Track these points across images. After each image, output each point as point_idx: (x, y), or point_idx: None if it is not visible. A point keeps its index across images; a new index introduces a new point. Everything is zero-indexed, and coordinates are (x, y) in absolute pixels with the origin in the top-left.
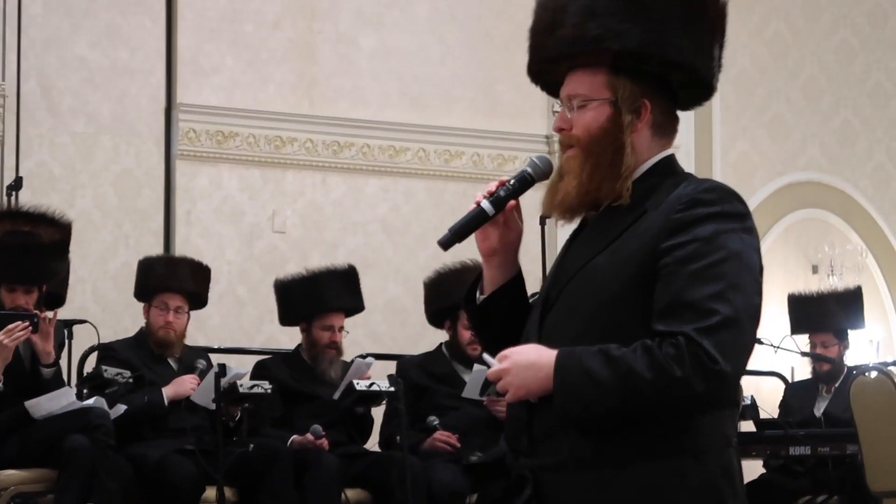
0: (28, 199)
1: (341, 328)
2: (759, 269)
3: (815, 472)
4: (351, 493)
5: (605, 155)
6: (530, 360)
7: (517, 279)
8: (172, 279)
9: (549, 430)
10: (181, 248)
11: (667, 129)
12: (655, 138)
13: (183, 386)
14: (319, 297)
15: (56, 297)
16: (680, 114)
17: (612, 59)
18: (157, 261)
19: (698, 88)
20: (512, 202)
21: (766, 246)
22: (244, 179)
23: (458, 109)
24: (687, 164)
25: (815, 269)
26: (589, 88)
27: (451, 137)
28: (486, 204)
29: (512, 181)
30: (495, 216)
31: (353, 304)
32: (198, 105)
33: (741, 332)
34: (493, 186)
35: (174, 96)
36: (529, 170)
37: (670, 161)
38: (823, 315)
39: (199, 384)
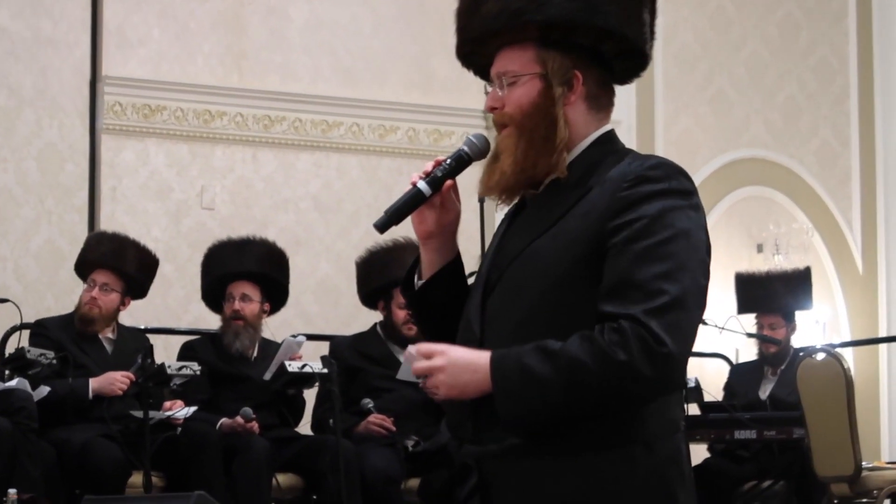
0: None
1: (245, 296)
2: (706, 249)
3: (761, 457)
4: (282, 479)
5: (539, 130)
6: (468, 359)
7: (456, 262)
8: (110, 258)
9: (493, 418)
10: (106, 225)
11: (603, 101)
12: (592, 112)
13: (111, 385)
14: (216, 267)
15: None
16: (620, 89)
17: (539, 33)
18: (102, 237)
19: (632, 58)
20: (449, 182)
21: (710, 224)
22: (172, 154)
23: (392, 83)
24: (628, 140)
25: (759, 248)
26: (518, 64)
27: (385, 112)
28: (422, 185)
29: (448, 161)
30: (432, 197)
31: (245, 268)
32: (124, 78)
33: (688, 312)
34: (429, 166)
35: (99, 68)
36: (466, 148)
37: (611, 136)
38: (771, 296)
39: (131, 382)
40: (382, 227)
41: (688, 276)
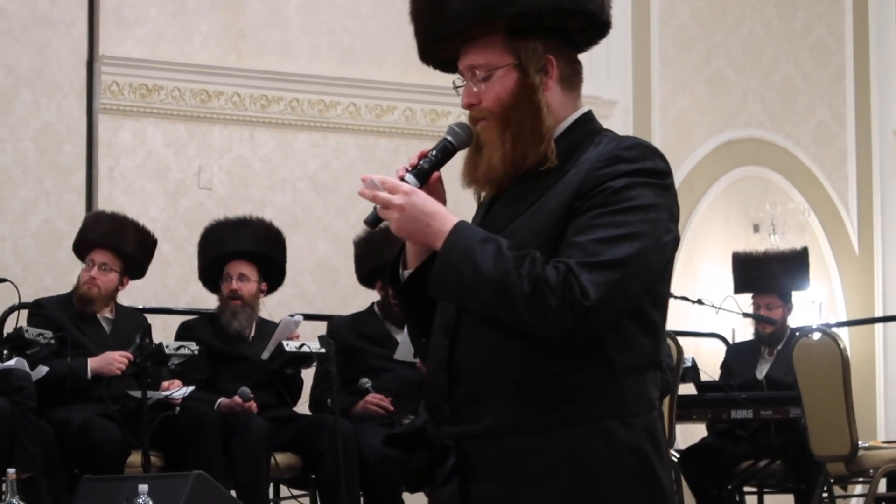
0: None
1: (242, 276)
2: (667, 230)
3: (758, 437)
4: (280, 458)
5: (524, 121)
6: (431, 209)
7: None
8: (109, 238)
9: (471, 397)
10: (104, 205)
11: (574, 79)
12: (566, 92)
13: (110, 365)
14: (211, 247)
15: None
16: (618, 69)
17: (506, 23)
18: (101, 217)
19: (595, 28)
20: (436, 174)
21: (706, 204)
22: (169, 134)
23: (389, 63)
24: (625, 120)
25: (756, 228)
26: (489, 57)
27: (382, 92)
28: (409, 178)
29: (434, 152)
30: (420, 189)
31: (240, 247)
32: (121, 57)
33: (622, 276)
34: (414, 159)
35: (96, 48)
36: (450, 138)
37: (588, 117)
38: (769, 277)
39: (129, 363)
40: (373, 222)
41: (635, 245)
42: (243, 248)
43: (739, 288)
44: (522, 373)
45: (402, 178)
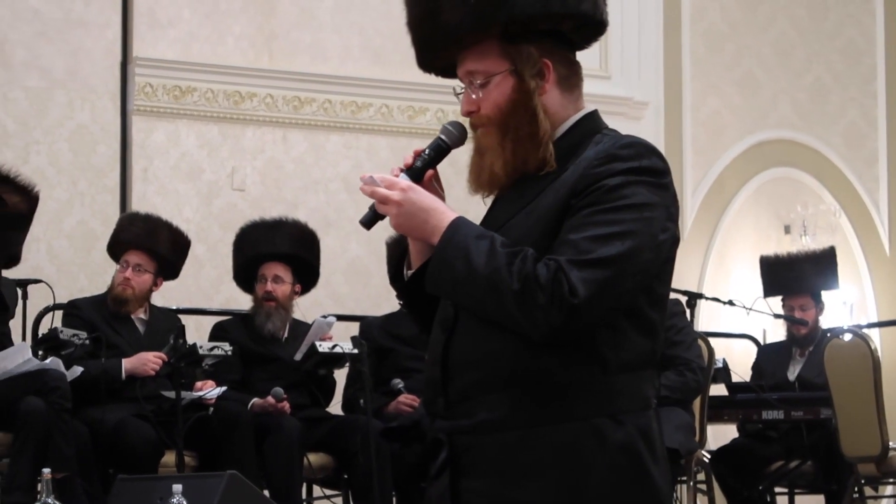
0: None
1: (277, 277)
2: (663, 228)
3: (789, 438)
4: (313, 458)
5: (522, 127)
6: (428, 205)
7: None
8: (143, 238)
9: (464, 393)
10: (138, 206)
11: (573, 79)
12: (565, 94)
13: (144, 365)
14: (248, 247)
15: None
16: (649, 71)
17: (500, 29)
18: (135, 218)
19: (590, 27)
20: (430, 172)
21: (737, 205)
22: (202, 135)
23: None
24: (656, 121)
25: (787, 230)
26: (486, 64)
27: (414, 93)
28: (403, 177)
29: (427, 151)
30: None
31: (277, 249)
32: (154, 59)
33: (613, 275)
34: (409, 159)
35: (130, 50)
36: (444, 137)
37: (591, 116)
38: (799, 278)
39: (163, 363)
40: (369, 223)
41: (627, 243)
42: (279, 249)
43: (769, 292)
44: (514, 369)
45: (397, 178)
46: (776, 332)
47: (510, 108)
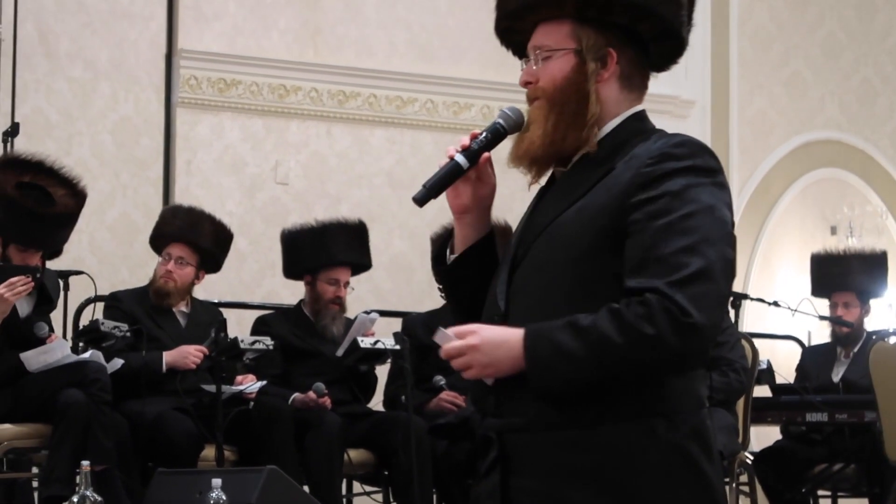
0: (24, 146)
1: (346, 283)
2: (731, 224)
3: (832, 440)
4: (354, 454)
5: (570, 104)
6: (501, 337)
7: (489, 237)
8: (186, 231)
9: (515, 391)
10: (180, 199)
11: (636, 82)
12: (624, 91)
13: (185, 359)
14: (327, 249)
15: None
16: (696, 70)
17: (576, 9)
18: (177, 210)
19: (669, 41)
20: (485, 155)
21: (783, 206)
22: (246, 129)
23: (467, 60)
24: (703, 120)
25: (833, 231)
26: (553, 39)
27: (460, 89)
28: (459, 157)
29: (484, 133)
30: (469, 170)
31: (361, 260)
32: (199, 51)
33: (714, 284)
34: (465, 140)
35: (175, 42)
36: (501, 121)
37: (641, 116)
38: (847, 274)
39: (204, 357)
40: (422, 200)
41: (712, 250)
42: (350, 259)
43: (817, 289)
44: None
45: (451, 158)
46: (821, 334)
47: (564, 85)
